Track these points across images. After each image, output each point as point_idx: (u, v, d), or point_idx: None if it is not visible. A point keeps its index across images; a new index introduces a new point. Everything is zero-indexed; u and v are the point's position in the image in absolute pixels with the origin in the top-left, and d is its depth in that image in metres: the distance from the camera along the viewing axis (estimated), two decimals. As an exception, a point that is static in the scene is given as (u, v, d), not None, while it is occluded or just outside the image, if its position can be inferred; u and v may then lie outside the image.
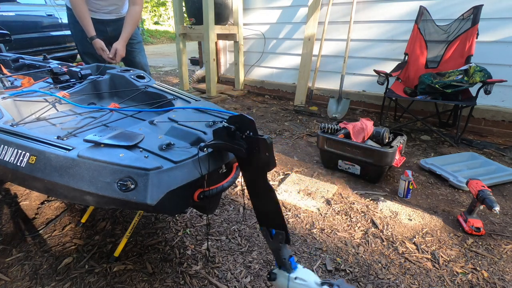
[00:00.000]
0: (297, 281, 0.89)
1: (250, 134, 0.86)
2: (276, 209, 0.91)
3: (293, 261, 0.93)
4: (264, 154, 0.84)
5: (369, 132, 2.07)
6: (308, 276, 0.89)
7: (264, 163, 0.85)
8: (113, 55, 2.24)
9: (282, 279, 0.92)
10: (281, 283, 0.92)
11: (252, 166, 0.89)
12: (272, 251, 0.95)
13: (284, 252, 0.92)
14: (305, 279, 0.88)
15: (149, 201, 0.78)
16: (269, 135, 0.83)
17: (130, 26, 2.28)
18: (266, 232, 0.95)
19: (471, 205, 1.55)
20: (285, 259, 0.92)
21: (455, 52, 2.67)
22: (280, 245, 0.92)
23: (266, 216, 0.94)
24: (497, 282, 1.24)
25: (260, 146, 0.84)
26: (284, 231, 0.91)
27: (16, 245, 1.44)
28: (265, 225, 0.95)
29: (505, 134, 2.73)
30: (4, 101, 1.27)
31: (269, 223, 0.94)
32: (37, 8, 5.25)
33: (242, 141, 0.89)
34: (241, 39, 4.15)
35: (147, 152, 0.89)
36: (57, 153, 0.88)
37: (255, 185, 0.92)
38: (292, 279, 0.89)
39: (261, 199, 0.93)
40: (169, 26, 15.94)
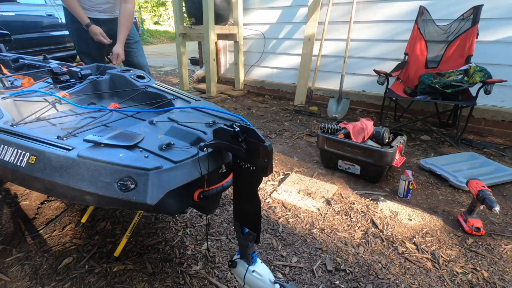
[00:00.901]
0: (254, 274, 0.95)
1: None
2: (257, 214, 0.92)
3: (254, 256, 1.00)
4: (263, 160, 0.84)
5: (369, 132, 2.07)
6: (264, 272, 0.96)
7: (262, 169, 0.85)
8: (115, 60, 2.24)
9: (241, 269, 0.98)
10: (239, 272, 0.99)
11: (249, 169, 0.89)
12: (239, 245, 1.00)
13: (250, 248, 0.98)
14: (261, 274, 0.95)
15: (149, 201, 0.78)
16: (270, 143, 0.83)
17: (125, 26, 2.26)
18: (239, 228, 0.98)
19: (471, 205, 1.55)
20: (249, 254, 0.98)
21: (455, 52, 2.67)
22: (249, 243, 0.96)
23: (245, 216, 0.97)
24: (497, 282, 1.24)
25: (260, 152, 0.84)
26: (256, 233, 0.94)
27: (16, 245, 1.44)
28: (239, 221, 0.99)
29: (505, 134, 2.73)
30: (4, 101, 1.27)
31: (244, 222, 0.98)
32: (37, 8, 5.25)
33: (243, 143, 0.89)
34: (241, 39, 4.15)
35: (147, 152, 0.89)
36: (57, 153, 0.88)
37: (246, 188, 0.93)
38: (250, 271, 0.96)
39: (246, 201, 0.95)
40: (169, 26, 15.93)
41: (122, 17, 2.24)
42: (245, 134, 0.86)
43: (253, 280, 0.96)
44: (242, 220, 0.98)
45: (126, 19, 2.25)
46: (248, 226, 0.96)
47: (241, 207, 0.97)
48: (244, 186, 0.94)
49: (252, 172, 0.88)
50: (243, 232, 0.99)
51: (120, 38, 2.25)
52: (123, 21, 2.25)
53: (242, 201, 0.96)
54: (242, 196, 0.96)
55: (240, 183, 0.95)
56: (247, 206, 0.95)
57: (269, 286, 0.94)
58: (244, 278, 0.97)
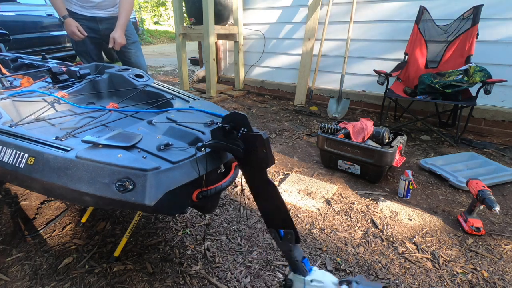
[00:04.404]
0: (314, 283, 0.86)
1: (245, 130, 0.85)
2: (281, 207, 0.89)
3: (307, 263, 0.90)
4: (261, 151, 0.84)
5: (369, 132, 2.07)
6: (324, 277, 0.87)
7: (263, 160, 0.84)
8: (112, 44, 2.21)
9: (298, 284, 0.89)
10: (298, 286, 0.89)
11: (251, 164, 0.88)
12: (284, 253, 0.93)
13: (296, 253, 0.90)
14: (321, 280, 0.86)
15: (148, 201, 0.78)
16: (265, 131, 0.83)
17: (125, 12, 2.22)
18: (275, 233, 0.93)
19: (471, 205, 1.55)
20: (297, 261, 0.90)
21: (455, 52, 2.66)
22: (291, 245, 0.90)
23: (272, 215, 0.93)
24: (497, 282, 1.24)
25: (257, 143, 0.84)
26: (292, 229, 0.89)
27: (16, 245, 1.44)
28: (272, 226, 0.93)
29: (505, 134, 2.73)
30: (2, 101, 1.27)
31: (275, 223, 0.93)
32: (37, 8, 5.25)
33: (240, 141, 0.89)
34: (241, 39, 4.14)
35: (145, 153, 0.89)
36: (56, 154, 0.88)
37: (257, 184, 0.92)
38: (308, 282, 0.86)
39: (264, 198, 0.92)
40: (169, 26, 15.93)
41: (122, 2, 2.20)
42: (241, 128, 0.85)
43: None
44: (273, 222, 0.93)
45: (127, 4, 2.20)
46: (281, 225, 0.91)
47: (265, 208, 0.94)
48: (257, 185, 0.92)
49: (256, 167, 0.88)
50: (280, 237, 0.92)
51: (119, 23, 2.21)
52: (125, 5, 2.20)
53: (263, 201, 0.94)
54: (261, 196, 0.93)
55: (253, 183, 0.93)
56: (269, 203, 0.91)
57: None
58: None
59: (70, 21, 2.12)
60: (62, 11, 2.11)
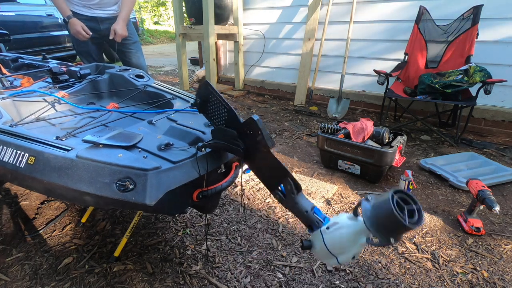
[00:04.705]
0: (331, 229, 0.78)
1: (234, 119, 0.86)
2: (278, 164, 0.86)
3: (319, 212, 0.85)
4: (258, 136, 0.83)
5: (369, 132, 2.07)
6: (338, 218, 0.79)
7: (263, 145, 0.83)
8: (113, 36, 2.21)
9: (317, 240, 0.80)
10: (318, 244, 0.80)
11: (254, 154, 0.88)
12: (293, 211, 0.87)
13: (303, 204, 0.85)
14: (336, 222, 0.78)
15: (148, 201, 0.78)
16: (256, 115, 0.83)
17: (128, 5, 2.23)
18: (279, 194, 0.89)
19: (471, 205, 1.55)
20: (307, 212, 0.84)
21: (455, 52, 2.66)
22: (293, 196, 0.85)
23: (270, 176, 0.90)
24: (497, 282, 1.24)
25: (252, 129, 0.84)
26: (289, 177, 0.85)
27: (16, 245, 1.44)
28: (273, 186, 0.90)
29: (505, 134, 2.73)
30: (3, 101, 1.27)
31: (274, 180, 0.89)
32: (37, 8, 5.25)
33: (240, 141, 0.89)
34: (241, 39, 4.15)
35: (146, 152, 0.89)
36: (56, 154, 0.88)
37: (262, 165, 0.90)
38: (325, 231, 0.79)
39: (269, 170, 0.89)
40: (169, 26, 15.93)
41: None
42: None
43: (335, 236, 0.77)
44: (272, 181, 0.90)
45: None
46: (280, 179, 0.87)
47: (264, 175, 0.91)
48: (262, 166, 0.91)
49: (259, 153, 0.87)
50: (284, 194, 0.88)
51: (121, 14, 2.22)
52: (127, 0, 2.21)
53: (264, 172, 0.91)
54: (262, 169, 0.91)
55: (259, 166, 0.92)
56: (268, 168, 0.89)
57: (353, 224, 0.75)
58: (326, 244, 0.78)
59: (75, 21, 2.12)
60: (66, 12, 2.11)
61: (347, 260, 0.77)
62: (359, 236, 0.73)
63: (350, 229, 0.74)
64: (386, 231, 0.66)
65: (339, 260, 0.77)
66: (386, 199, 0.65)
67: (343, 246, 0.76)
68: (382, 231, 0.67)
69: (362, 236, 0.72)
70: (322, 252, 0.80)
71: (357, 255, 0.76)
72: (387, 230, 0.66)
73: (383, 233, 0.67)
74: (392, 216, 0.63)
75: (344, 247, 0.76)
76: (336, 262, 0.78)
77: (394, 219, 0.63)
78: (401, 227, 0.63)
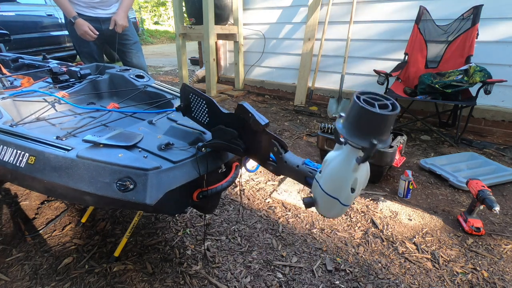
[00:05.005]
0: (323, 171, 0.75)
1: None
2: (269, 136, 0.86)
3: (310, 163, 0.83)
4: (250, 118, 0.84)
5: (369, 132, 2.07)
6: (326, 157, 0.75)
7: (256, 125, 0.83)
8: (113, 26, 2.21)
9: (316, 191, 0.78)
10: (318, 194, 0.78)
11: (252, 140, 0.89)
12: (287, 173, 0.86)
13: (293, 160, 0.84)
14: (326, 160, 0.75)
15: (148, 201, 0.78)
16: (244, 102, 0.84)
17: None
18: (271, 165, 0.89)
19: (471, 205, 1.55)
20: (298, 166, 0.82)
21: (455, 52, 2.66)
22: (282, 156, 0.85)
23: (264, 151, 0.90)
24: (497, 282, 1.24)
25: (243, 114, 0.85)
26: (273, 139, 0.84)
27: (16, 245, 1.44)
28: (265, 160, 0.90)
29: (505, 134, 2.73)
30: (3, 101, 1.27)
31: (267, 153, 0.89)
32: (37, 8, 5.25)
33: (240, 141, 0.89)
34: (241, 39, 4.15)
35: (146, 152, 0.89)
36: (56, 154, 0.88)
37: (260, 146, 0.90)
38: (319, 176, 0.76)
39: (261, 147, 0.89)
40: (169, 26, 15.92)
41: None
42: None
43: (328, 175, 0.74)
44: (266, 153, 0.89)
45: None
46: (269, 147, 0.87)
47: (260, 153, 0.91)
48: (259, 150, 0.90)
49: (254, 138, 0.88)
50: (274, 161, 0.87)
51: (122, 6, 2.23)
52: None
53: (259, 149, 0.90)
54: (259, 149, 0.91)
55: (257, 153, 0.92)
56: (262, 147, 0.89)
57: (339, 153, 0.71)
58: (323, 188, 0.75)
59: (81, 21, 2.12)
60: (71, 12, 2.11)
61: (349, 198, 0.73)
62: (349, 161, 0.68)
63: (339, 158, 0.71)
64: (364, 132, 0.61)
65: (342, 200, 0.73)
66: (353, 102, 0.61)
67: (339, 181, 0.72)
68: (361, 134, 0.62)
69: (352, 160, 0.67)
70: (324, 201, 0.77)
71: (355, 186, 0.72)
72: (364, 130, 0.61)
73: (363, 135, 0.62)
74: (361, 111, 0.59)
75: (340, 181, 0.72)
76: (341, 207, 0.74)
77: (364, 113, 0.59)
78: (375, 118, 0.59)
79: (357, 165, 0.67)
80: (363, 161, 0.65)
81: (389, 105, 0.61)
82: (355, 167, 0.68)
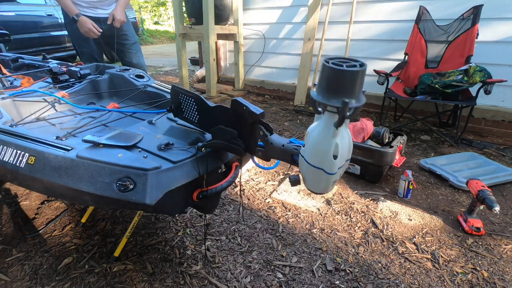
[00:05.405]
0: (306, 145, 0.77)
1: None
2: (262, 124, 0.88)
3: (295, 141, 0.86)
4: (244, 111, 0.85)
5: (369, 132, 2.07)
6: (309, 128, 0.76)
7: (252, 116, 0.84)
8: (111, 21, 2.21)
9: (302, 166, 0.79)
10: (303, 168, 0.79)
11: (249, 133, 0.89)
12: (274, 155, 0.88)
13: (278, 141, 0.86)
14: (307, 133, 0.76)
15: (148, 201, 0.78)
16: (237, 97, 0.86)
17: None
18: (260, 151, 0.90)
19: (471, 205, 1.55)
20: (283, 145, 0.85)
21: (455, 52, 2.66)
22: (268, 139, 0.86)
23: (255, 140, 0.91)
24: (497, 282, 1.24)
25: (237, 108, 0.86)
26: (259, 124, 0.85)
27: (16, 245, 1.44)
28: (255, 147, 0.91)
29: (505, 134, 2.73)
30: (3, 101, 1.27)
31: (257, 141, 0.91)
32: (37, 8, 5.25)
33: (240, 141, 0.89)
34: (241, 39, 4.15)
35: (146, 152, 0.89)
36: (56, 154, 0.88)
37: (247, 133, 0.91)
38: (303, 150, 0.78)
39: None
40: (169, 26, 15.92)
41: None
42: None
43: (310, 146, 0.75)
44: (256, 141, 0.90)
45: None
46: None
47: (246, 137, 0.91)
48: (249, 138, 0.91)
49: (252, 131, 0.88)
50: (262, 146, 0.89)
51: (120, 2, 2.24)
52: None
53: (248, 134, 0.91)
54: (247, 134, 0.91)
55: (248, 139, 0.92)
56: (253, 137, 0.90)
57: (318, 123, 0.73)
58: (308, 160, 0.76)
59: (85, 18, 2.12)
60: (74, 10, 2.10)
61: (332, 165, 0.73)
62: (328, 128, 0.70)
63: (319, 127, 0.73)
64: (336, 92, 0.64)
65: (326, 170, 0.74)
66: (322, 66, 0.64)
67: (321, 149, 0.72)
68: (333, 95, 0.64)
69: (330, 126, 0.69)
70: (310, 174, 0.78)
71: (337, 153, 0.72)
72: (335, 90, 0.64)
73: (335, 96, 0.64)
74: (331, 72, 0.62)
75: (322, 150, 0.72)
76: (327, 177, 0.75)
77: (333, 73, 0.62)
78: (343, 76, 0.61)
79: (335, 129, 0.68)
80: (339, 124, 0.66)
81: (357, 65, 0.64)
82: (334, 132, 0.69)
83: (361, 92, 0.66)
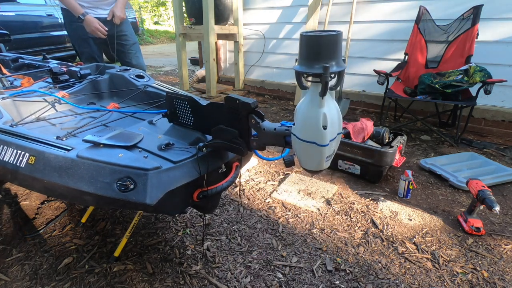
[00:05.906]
0: (296, 122, 0.78)
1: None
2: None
3: (286, 123, 0.89)
4: (237, 105, 0.87)
5: (369, 132, 2.07)
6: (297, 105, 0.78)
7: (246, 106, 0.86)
8: (111, 17, 2.21)
9: (296, 144, 0.80)
10: (298, 147, 0.80)
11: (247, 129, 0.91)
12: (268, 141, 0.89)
13: (270, 126, 0.87)
14: (296, 108, 0.77)
15: (148, 201, 0.78)
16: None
17: None
18: (254, 141, 0.91)
19: (471, 205, 1.55)
20: (275, 128, 0.87)
21: (455, 52, 2.66)
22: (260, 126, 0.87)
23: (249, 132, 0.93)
24: (497, 282, 1.24)
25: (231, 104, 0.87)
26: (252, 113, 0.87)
27: (16, 245, 1.44)
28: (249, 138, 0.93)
29: (505, 134, 2.73)
30: (3, 101, 1.27)
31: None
32: (37, 8, 5.25)
33: (241, 140, 0.89)
34: (241, 39, 4.15)
35: (146, 152, 0.89)
36: (57, 154, 0.88)
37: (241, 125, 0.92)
38: (294, 129, 0.79)
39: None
40: (169, 26, 15.92)
41: None
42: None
43: (300, 121, 0.76)
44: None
45: None
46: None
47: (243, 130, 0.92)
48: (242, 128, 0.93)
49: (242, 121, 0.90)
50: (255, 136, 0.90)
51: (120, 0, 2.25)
52: None
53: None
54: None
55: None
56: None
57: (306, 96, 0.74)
58: (299, 136, 0.77)
59: (91, 18, 2.12)
60: (79, 10, 2.10)
61: (323, 136, 0.73)
62: (314, 100, 0.72)
63: (305, 101, 0.75)
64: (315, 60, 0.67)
65: (318, 142, 0.74)
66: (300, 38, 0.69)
67: (310, 121, 0.73)
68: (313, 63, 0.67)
69: (316, 96, 0.71)
70: (303, 150, 0.78)
71: (326, 123, 0.73)
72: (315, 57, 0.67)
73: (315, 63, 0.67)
74: (308, 41, 0.66)
75: (311, 122, 0.73)
76: (319, 150, 0.75)
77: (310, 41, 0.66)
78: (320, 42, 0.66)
79: (321, 99, 0.71)
80: (324, 92, 0.68)
81: (332, 32, 0.67)
82: (320, 101, 0.71)
83: (341, 59, 0.69)
